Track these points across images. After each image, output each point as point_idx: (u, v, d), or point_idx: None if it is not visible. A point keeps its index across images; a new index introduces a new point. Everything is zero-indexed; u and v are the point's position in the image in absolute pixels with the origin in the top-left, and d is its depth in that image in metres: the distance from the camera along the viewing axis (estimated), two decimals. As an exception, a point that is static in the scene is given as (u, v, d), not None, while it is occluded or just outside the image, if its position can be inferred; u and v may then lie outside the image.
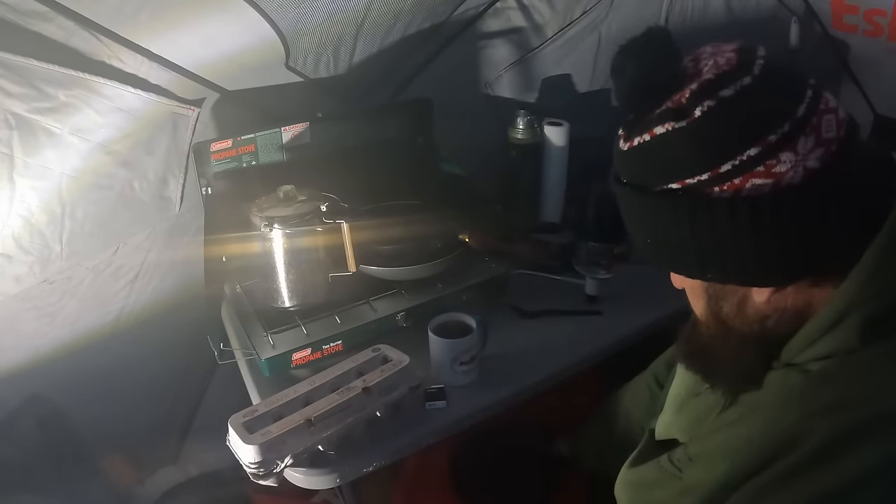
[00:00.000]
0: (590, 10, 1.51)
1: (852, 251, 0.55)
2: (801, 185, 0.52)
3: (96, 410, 1.19)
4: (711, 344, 0.66)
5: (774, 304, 0.59)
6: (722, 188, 0.53)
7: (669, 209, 0.56)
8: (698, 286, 0.64)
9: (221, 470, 1.33)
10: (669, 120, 0.54)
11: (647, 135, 0.55)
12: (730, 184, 0.52)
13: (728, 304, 0.62)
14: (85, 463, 1.21)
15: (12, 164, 0.90)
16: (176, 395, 1.43)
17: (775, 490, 0.52)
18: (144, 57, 0.98)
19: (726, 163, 0.52)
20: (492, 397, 1.04)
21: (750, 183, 0.52)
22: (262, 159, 1.20)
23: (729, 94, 0.52)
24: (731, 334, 0.63)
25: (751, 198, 0.52)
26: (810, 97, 0.53)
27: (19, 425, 1.10)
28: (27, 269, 0.99)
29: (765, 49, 0.55)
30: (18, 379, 1.07)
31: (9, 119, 0.87)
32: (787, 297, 0.59)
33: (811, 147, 0.52)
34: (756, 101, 0.52)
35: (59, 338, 1.10)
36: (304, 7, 1.07)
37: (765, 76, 0.53)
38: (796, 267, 0.56)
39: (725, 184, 0.53)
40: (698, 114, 0.52)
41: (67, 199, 0.99)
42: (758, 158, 0.51)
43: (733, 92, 0.52)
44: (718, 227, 0.54)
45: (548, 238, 1.42)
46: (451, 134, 1.41)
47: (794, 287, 0.58)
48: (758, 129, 0.51)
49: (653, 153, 0.56)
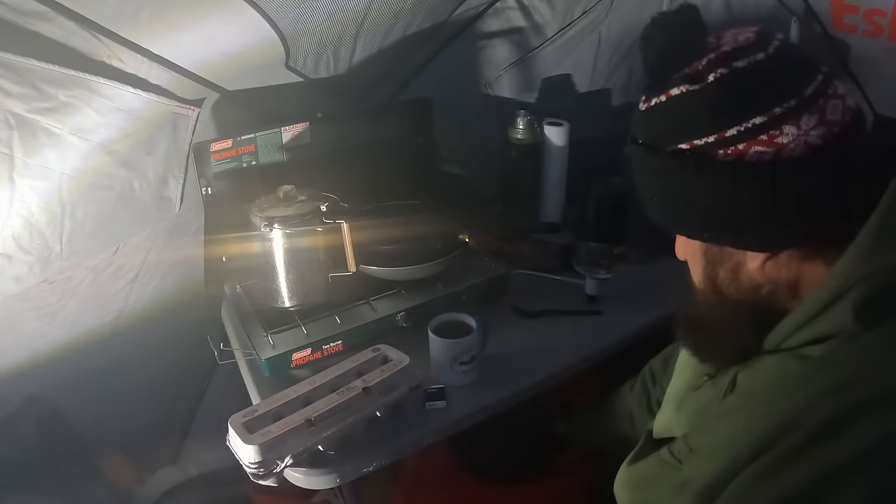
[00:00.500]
0: (590, 10, 1.51)
1: (847, 230, 0.57)
2: (801, 158, 0.55)
3: (96, 410, 1.19)
4: (707, 315, 0.68)
5: (767, 274, 0.62)
6: (727, 151, 0.56)
7: (677, 168, 0.59)
8: (698, 250, 0.66)
9: (221, 470, 1.33)
10: (685, 83, 0.57)
11: (663, 96, 0.59)
12: (734, 148, 0.55)
13: (724, 270, 0.64)
14: (85, 463, 1.21)
15: (12, 164, 0.90)
16: (176, 395, 1.43)
17: (777, 469, 0.53)
18: (144, 57, 0.98)
19: (732, 128, 0.55)
20: (492, 397, 1.04)
21: (753, 149, 0.55)
22: (262, 159, 1.20)
23: (741, 66, 0.56)
24: (725, 303, 0.65)
25: (752, 163, 0.55)
26: (820, 81, 0.56)
27: (19, 425, 1.10)
28: (27, 269, 0.99)
29: (784, 35, 0.59)
30: (18, 379, 1.07)
31: (9, 119, 0.87)
32: (779, 267, 0.61)
33: (814, 125, 0.55)
34: (766, 75, 0.56)
35: (59, 338, 1.10)
36: (304, 7, 1.07)
37: (778, 55, 0.56)
38: (790, 234, 0.59)
39: (730, 147, 0.56)
40: (711, 79, 0.56)
41: (67, 199, 0.99)
42: (762, 127, 0.54)
43: (746, 64, 0.56)
44: (720, 188, 0.57)
45: (548, 238, 1.42)
46: (451, 134, 1.41)
47: (787, 258, 0.60)
48: (765, 101, 0.55)
49: (667, 113, 0.59)
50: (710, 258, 0.65)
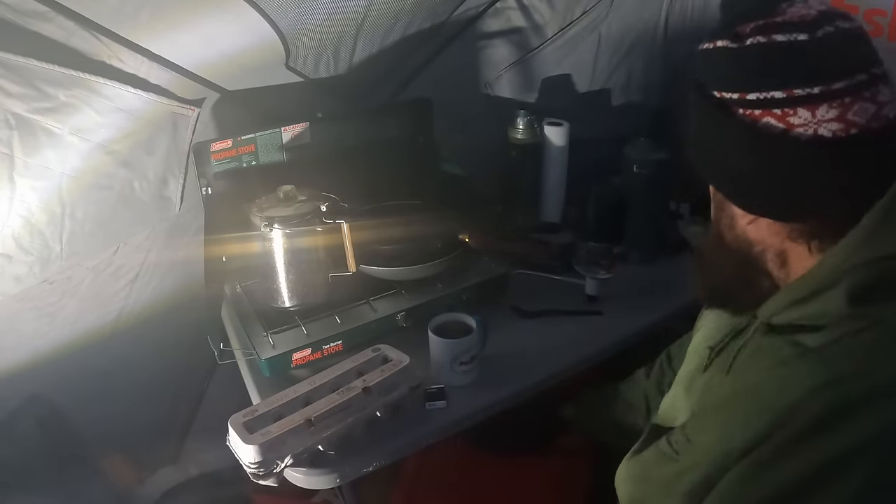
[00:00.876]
0: (590, 10, 1.51)
1: (832, 221, 0.59)
2: (807, 144, 0.56)
3: (96, 410, 1.19)
4: (709, 255, 0.73)
5: (755, 235, 0.65)
6: (744, 112, 0.59)
7: (705, 110, 0.63)
8: (714, 191, 0.70)
9: (221, 470, 1.33)
10: (727, 39, 0.60)
11: (710, 44, 0.62)
12: (750, 112, 0.58)
13: (725, 217, 0.68)
14: (85, 463, 1.21)
15: (12, 164, 0.90)
16: (176, 395, 1.43)
17: (774, 462, 0.54)
18: (144, 57, 0.98)
19: (753, 93, 0.58)
20: (492, 397, 1.04)
21: (765, 119, 0.58)
22: (262, 159, 1.20)
23: (780, 40, 0.57)
24: (725, 249, 0.69)
25: (762, 130, 0.58)
26: (860, 81, 0.56)
27: (19, 425, 1.10)
28: (27, 269, 0.99)
29: (850, 24, 0.59)
30: (18, 379, 1.07)
31: (9, 119, 0.87)
32: (762, 233, 0.64)
33: (831, 118, 0.55)
34: (800, 56, 0.57)
35: (59, 338, 1.10)
36: (304, 7, 1.07)
37: (823, 42, 0.57)
38: (773, 205, 0.62)
39: (748, 110, 0.59)
40: (749, 43, 0.59)
41: (67, 199, 0.99)
42: (779, 102, 0.57)
43: (784, 39, 0.57)
44: (728, 141, 0.61)
45: (548, 238, 1.42)
46: (451, 134, 1.41)
47: (768, 228, 0.63)
48: (789, 79, 0.56)
49: (707, 60, 0.63)
50: (717, 201, 0.69)
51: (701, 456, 0.65)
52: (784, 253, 0.64)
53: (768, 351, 0.63)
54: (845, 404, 0.52)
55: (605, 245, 1.24)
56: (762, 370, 0.63)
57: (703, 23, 1.65)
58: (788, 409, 0.55)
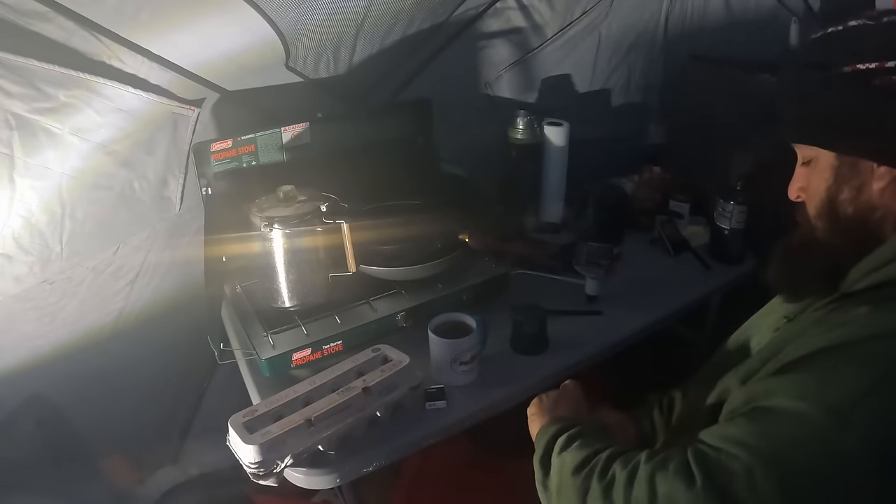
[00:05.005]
0: (590, 10, 1.51)
1: None
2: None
3: (96, 410, 1.19)
4: (811, 241, 0.76)
5: (885, 199, 0.69)
6: (882, 79, 0.65)
7: (841, 86, 0.68)
8: (828, 168, 0.73)
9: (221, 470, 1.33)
10: (864, 18, 0.68)
11: (840, 25, 0.70)
12: (889, 78, 0.65)
13: (848, 188, 0.71)
14: (85, 463, 1.21)
15: (12, 164, 0.90)
16: (176, 396, 1.43)
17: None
18: (144, 57, 0.98)
19: (891, 61, 0.65)
20: (492, 397, 1.04)
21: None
22: (262, 159, 1.20)
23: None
24: (837, 224, 0.73)
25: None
26: None
27: (19, 425, 1.10)
28: (27, 269, 0.99)
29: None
30: (18, 379, 1.07)
31: (9, 119, 0.87)
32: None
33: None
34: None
35: (59, 338, 1.10)
36: (304, 7, 1.07)
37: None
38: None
39: (886, 77, 0.65)
40: (885, 20, 0.68)
41: (67, 199, 0.99)
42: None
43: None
44: (872, 107, 0.67)
45: (548, 238, 1.42)
46: (451, 134, 1.41)
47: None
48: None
49: (841, 40, 0.70)
50: (839, 175, 0.72)
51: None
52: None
53: (846, 314, 0.67)
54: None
55: (605, 245, 1.24)
56: (838, 327, 0.65)
57: (703, 23, 1.65)
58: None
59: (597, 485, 0.66)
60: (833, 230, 0.73)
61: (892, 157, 0.68)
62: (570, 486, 0.70)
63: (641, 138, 1.79)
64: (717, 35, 1.66)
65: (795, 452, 0.56)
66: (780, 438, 0.57)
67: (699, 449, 0.61)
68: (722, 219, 1.37)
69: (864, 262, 0.69)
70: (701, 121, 1.55)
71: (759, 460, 0.56)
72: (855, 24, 0.69)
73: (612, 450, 0.70)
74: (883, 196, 0.69)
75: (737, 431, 0.60)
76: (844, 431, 0.54)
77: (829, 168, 0.72)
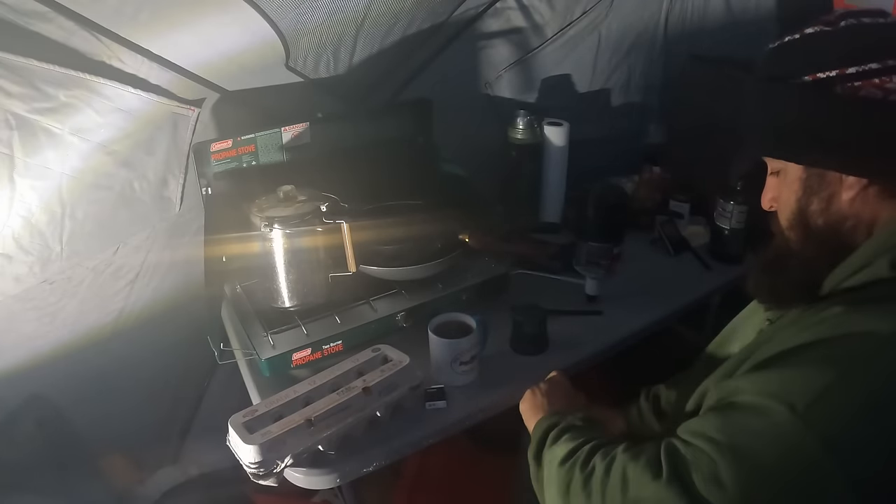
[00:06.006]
0: (590, 10, 1.51)
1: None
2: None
3: (96, 410, 1.19)
4: (786, 253, 0.75)
5: (854, 208, 0.69)
6: (844, 87, 0.65)
7: (801, 97, 0.67)
8: (797, 180, 0.72)
9: (221, 470, 1.33)
10: (820, 24, 0.68)
11: (797, 34, 0.69)
12: (851, 85, 0.64)
13: (818, 199, 0.71)
14: (85, 463, 1.21)
15: (12, 164, 0.90)
16: (176, 395, 1.43)
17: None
18: (144, 57, 0.98)
19: (852, 67, 0.64)
20: (492, 397, 1.04)
21: (866, 89, 0.64)
22: (262, 159, 1.20)
23: (868, 21, 0.66)
24: (809, 236, 0.72)
25: (864, 100, 0.64)
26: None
27: (19, 426, 1.10)
28: (27, 269, 0.99)
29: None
30: (18, 379, 1.07)
31: (9, 119, 0.87)
32: (866, 203, 0.68)
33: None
34: (887, 33, 0.65)
35: (59, 338, 1.10)
36: (304, 7, 1.07)
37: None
38: (887, 165, 0.66)
39: (848, 84, 0.64)
40: (842, 25, 0.66)
41: (67, 199, 0.99)
42: (876, 72, 0.63)
43: (871, 21, 0.66)
44: (835, 117, 0.66)
45: (548, 238, 1.42)
46: (451, 134, 1.41)
47: (874, 195, 0.68)
48: (882, 52, 0.64)
49: (799, 48, 0.69)
50: (807, 187, 0.71)
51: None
52: (875, 221, 0.68)
53: (820, 314, 0.66)
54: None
55: (605, 245, 1.24)
56: (812, 326, 0.66)
57: (703, 23, 1.65)
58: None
59: (578, 475, 0.68)
60: (806, 241, 0.72)
61: (859, 166, 0.67)
62: (556, 477, 0.72)
63: (641, 138, 1.79)
64: (717, 35, 1.66)
65: (756, 447, 0.56)
66: (742, 433, 0.58)
67: (671, 443, 0.62)
68: (722, 219, 1.37)
69: (837, 270, 0.68)
70: (701, 121, 1.55)
71: (722, 454, 0.57)
72: (812, 31, 0.68)
73: (596, 442, 0.72)
74: (853, 205, 0.68)
75: (705, 425, 0.61)
76: (803, 428, 0.55)
77: (797, 180, 0.72)
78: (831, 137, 0.67)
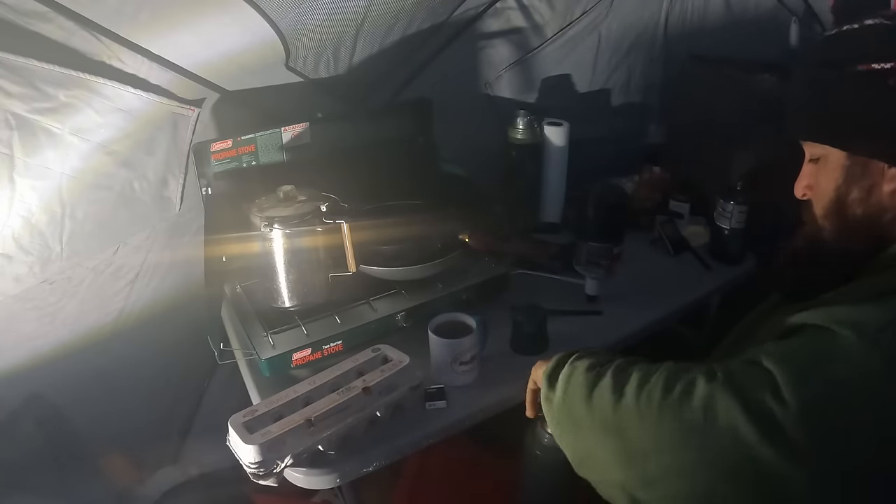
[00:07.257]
0: (590, 10, 1.51)
1: None
2: None
3: (96, 410, 1.19)
4: (818, 244, 0.75)
5: (891, 200, 0.68)
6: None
7: (854, 85, 0.68)
8: (839, 168, 0.71)
9: (221, 470, 1.33)
10: (881, 17, 0.68)
11: (856, 24, 0.69)
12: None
13: (858, 189, 0.70)
14: (85, 463, 1.21)
15: (12, 164, 0.90)
16: (176, 395, 1.43)
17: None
18: (144, 57, 0.98)
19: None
20: (492, 397, 1.04)
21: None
22: (262, 159, 1.20)
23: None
24: (846, 226, 0.72)
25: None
26: None
27: (19, 425, 1.10)
28: (27, 269, 0.99)
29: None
30: (18, 379, 1.07)
31: (9, 119, 0.87)
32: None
33: None
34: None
35: (59, 338, 1.10)
36: (304, 7, 1.07)
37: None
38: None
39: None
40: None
41: (67, 199, 0.99)
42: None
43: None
44: (886, 106, 0.66)
45: (548, 238, 1.42)
46: (451, 134, 1.41)
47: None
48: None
49: (856, 38, 0.69)
50: (849, 175, 0.71)
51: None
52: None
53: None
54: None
55: (605, 245, 1.24)
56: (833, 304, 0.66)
57: (703, 23, 1.65)
58: None
59: (609, 378, 0.69)
60: (840, 231, 0.72)
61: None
62: (580, 381, 0.72)
63: (641, 138, 1.79)
64: (717, 35, 1.66)
65: (821, 362, 0.59)
66: (804, 351, 0.61)
67: (725, 364, 0.64)
68: (722, 219, 1.37)
69: (880, 258, 0.68)
70: (701, 121, 1.55)
71: (781, 368, 0.59)
72: (871, 22, 0.68)
73: (632, 358, 0.73)
74: (893, 198, 0.68)
75: (757, 353, 0.62)
76: (871, 347, 0.57)
77: (839, 167, 0.71)
78: (879, 127, 0.67)
